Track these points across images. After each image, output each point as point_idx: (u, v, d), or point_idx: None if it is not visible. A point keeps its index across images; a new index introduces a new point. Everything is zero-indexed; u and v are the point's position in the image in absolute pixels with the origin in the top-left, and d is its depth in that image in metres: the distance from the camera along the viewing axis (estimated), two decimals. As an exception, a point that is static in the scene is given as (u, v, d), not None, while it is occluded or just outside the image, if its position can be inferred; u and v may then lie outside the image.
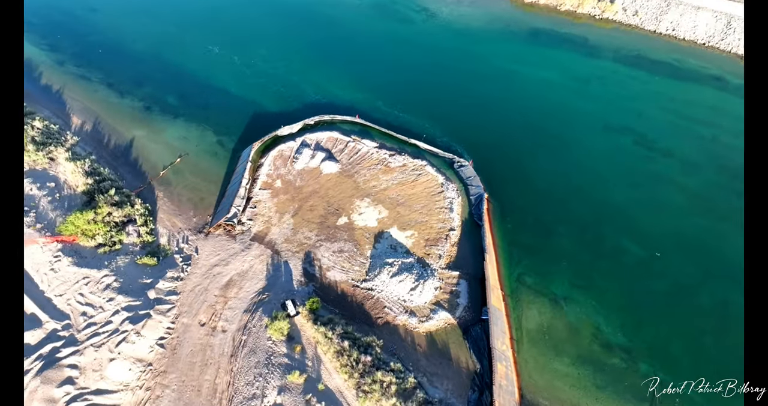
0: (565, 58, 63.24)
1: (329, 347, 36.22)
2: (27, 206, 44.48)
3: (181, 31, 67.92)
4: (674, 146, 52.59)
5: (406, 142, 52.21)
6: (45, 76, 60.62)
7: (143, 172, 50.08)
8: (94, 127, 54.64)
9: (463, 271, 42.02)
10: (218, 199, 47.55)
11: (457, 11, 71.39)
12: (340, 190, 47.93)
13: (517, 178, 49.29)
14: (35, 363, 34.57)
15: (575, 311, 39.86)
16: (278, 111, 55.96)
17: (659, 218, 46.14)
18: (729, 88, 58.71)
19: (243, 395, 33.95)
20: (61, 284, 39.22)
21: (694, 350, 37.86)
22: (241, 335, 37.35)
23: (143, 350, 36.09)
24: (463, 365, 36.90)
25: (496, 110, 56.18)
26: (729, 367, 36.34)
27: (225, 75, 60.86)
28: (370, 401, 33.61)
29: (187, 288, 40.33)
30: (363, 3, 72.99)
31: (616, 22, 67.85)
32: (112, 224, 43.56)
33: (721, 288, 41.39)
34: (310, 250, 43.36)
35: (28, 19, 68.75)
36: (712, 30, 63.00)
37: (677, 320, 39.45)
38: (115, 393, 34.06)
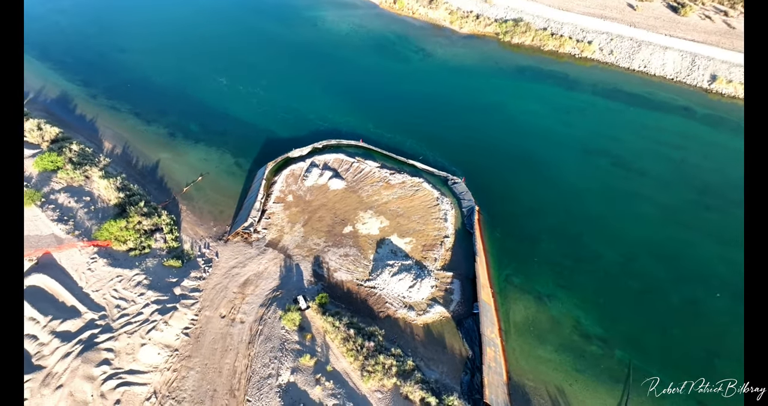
0: (548, 91, 70.06)
1: (336, 335, 40.51)
2: (66, 216, 49.74)
3: (194, 66, 75.14)
4: (647, 167, 58.29)
5: (405, 162, 57.99)
6: (80, 107, 67.24)
7: (168, 189, 55.63)
8: (123, 151, 60.66)
9: (456, 272, 46.74)
10: (236, 212, 52.87)
11: (451, 51, 79.07)
12: (346, 203, 53.31)
13: (505, 194, 54.67)
14: (76, 346, 38.84)
15: (557, 306, 44.30)
16: (288, 136, 62.00)
17: (633, 228, 51.19)
18: (696, 117, 65.09)
19: (260, 375, 38.01)
20: (97, 281, 43.91)
21: (664, 340, 42.05)
22: (258, 326, 41.69)
23: (170, 337, 40.39)
24: (457, 352, 41.06)
25: (486, 136, 62.27)
26: (693, 352, 40.64)
27: (236, 104, 67.44)
28: (374, 379, 37.65)
29: (208, 286, 44.97)
30: (365, 45, 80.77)
31: (594, 60, 75.22)
32: (142, 231, 48.68)
33: (689, 288, 45.92)
34: (318, 254, 48.26)
35: (62, 59, 76.44)
36: (679, 67, 70.15)
37: (649, 314, 43.79)
38: (146, 373, 38.15)
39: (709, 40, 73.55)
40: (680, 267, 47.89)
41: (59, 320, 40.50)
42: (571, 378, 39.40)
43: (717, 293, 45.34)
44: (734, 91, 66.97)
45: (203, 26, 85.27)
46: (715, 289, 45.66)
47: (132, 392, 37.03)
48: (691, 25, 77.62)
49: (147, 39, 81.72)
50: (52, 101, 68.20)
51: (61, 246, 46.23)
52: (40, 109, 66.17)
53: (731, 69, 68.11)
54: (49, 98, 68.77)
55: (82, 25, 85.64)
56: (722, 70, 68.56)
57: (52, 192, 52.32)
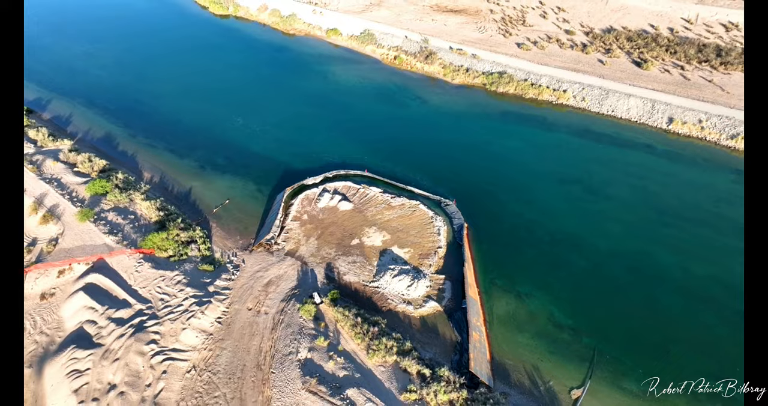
0: (529, 131, 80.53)
1: (346, 322, 48.03)
2: (115, 229, 58.40)
3: (215, 107, 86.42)
4: (614, 193, 67.35)
5: (404, 188, 67.20)
6: (122, 145, 77.55)
7: (200, 210, 64.60)
8: (161, 180, 70.19)
9: (447, 275, 54.75)
10: (258, 228, 61.53)
11: (444, 99, 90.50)
12: (353, 221, 62.05)
13: (490, 214, 63.37)
14: (128, 329, 46.36)
15: (535, 302, 51.95)
16: (302, 168, 71.56)
17: (600, 241, 59.52)
18: (656, 153, 74.96)
19: (282, 353, 45.27)
20: (143, 280, 51.93)
21: (624, 329, 49.36)
22: (279, 316, 49.27)
23: (206, 324, 47.93)
24: (448, 338, 48.42)
25: (474, 167, 71.86)
26: (648, 339, 48.02)
27: (256, 142, 77.51)
28: (377, 356, 44.88)
29: (237, 285, 52.88)
30: (368, 93, 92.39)
31: (569, 106, 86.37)
32: (180, 242, 57.13)
33: (647, 288, 53.60)
34: (330, 261, 56.47)
35: (105, 105, 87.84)
36: (641, 111, 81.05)
37: (612, 309, 51.31)
38: (186, 352, 45.45)
39: (667, 89, 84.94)
40: (639, 272, 55.78)
41: (113, 309, 48.28)
42: (545, 358, 46.57)
43: (671, 292, 53.04)
44: (688, 131, 77.33)
45: (225, 76, 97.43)
46: (670, 289, 53.41)
47: (175, 365, 44.25)
48: (652, 77, 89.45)
49: (176, 87, 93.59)
50: (98, 140, 78.72)
51: (112, 253, 54.61)
52: (89, 147, 76.48)
53: (686, 112, 78.85)
54: (96, 138, 79.36)
55: (120, 76, 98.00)
56: (678, 114, 79.28)
57: (102, 211, 61.25)
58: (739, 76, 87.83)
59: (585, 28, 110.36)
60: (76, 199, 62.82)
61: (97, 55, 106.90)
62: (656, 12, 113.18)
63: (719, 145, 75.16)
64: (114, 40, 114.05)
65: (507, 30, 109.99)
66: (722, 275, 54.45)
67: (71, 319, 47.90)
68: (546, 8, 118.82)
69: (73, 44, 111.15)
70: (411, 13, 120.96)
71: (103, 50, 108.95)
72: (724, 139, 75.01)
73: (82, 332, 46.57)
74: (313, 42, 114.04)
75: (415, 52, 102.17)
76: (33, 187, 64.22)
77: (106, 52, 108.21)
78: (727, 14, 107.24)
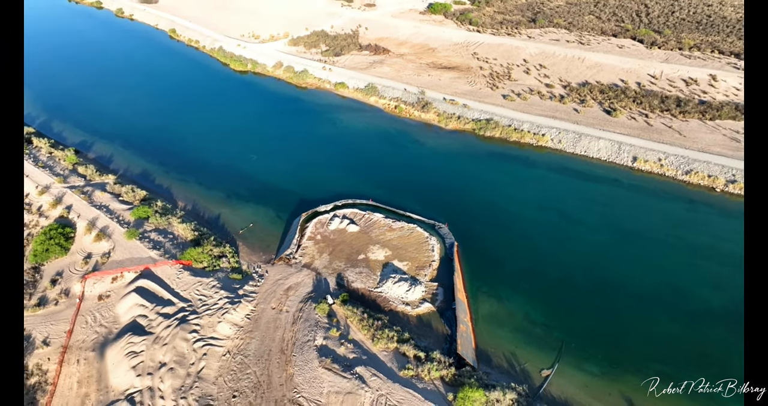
0: (512, 168, 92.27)
1: (354, 318, 57.46)
2: (157, 246, 68.82)
3: (237, 148, 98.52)
4: (583, 218, 77.93)
5: (403, 214, 77.96)
6: (158, 179, 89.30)
7: (228, 232, 75.27)
8: (193, 207, 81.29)
9: (440, 283, 64.52)
10: (279, 246, 71.90)
11: (438, 142, 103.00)
12: (360, 241, 72.46)
13: (477, 235, 73.63)
14: (173, 321, 55.83)
15: (513, 305, 61.40)
16: (315, 198, 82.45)
17: (571, 257, 69.44)
18: (621, 186, 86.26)
19: (301, 341, 54.48)
20: (184, 285, 61.79)
21: (588, 325, 58.54)
22: (299, 313, 58.74)
23: (238, 319, 57.39)
24: (440, 331, 57.70)
25: (464, 196, 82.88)
26: (606, 334, 57.17)
27: (275, 177, 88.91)
28: (381, 343, 54.07)
29: (262, 290, 62.61)
30: (372, 136, 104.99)
31: (548, 147, 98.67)
32: (213, 255, 67.33)
33: (608, 293, 62.95)
34: (340, 272, 66.43)
35: (141, 146, 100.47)
36: (609, 151, 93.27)
37: (578, 311, 60.60)
38: (222, 340, 54.70)
39: (633, 133, 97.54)
40: (602, 281, 65.33)
41: (161, 307, 57.95)
42: (521, 347, 55.72)
43: (628, 296, 62.57)
44: (650, 168, 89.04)
45: (245, 122, 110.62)
46: (626, 294, 62.93)
47: (213, 349, 53.47)
48: (620, 123, 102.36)
49: (202, 131, 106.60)
50: (137, 175, 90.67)
51: (157, 263, 64.80)
52: (129, 180, 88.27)
53: (647, 152, 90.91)
54: (135, 173, 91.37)
55: (153, 122, 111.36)
56: (641, 153, 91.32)
57: (146, 231, 71.88)
58: (696, 123, 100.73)
59: (563, 82, 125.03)
60: (123, 222, 73.66)
61: (132, 103, 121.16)
62: (626, 69, 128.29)
63: (675, 180, 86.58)
64: (145, 91, 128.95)
65: (494, 84, 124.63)
66: (673, 281, 64.19)
67: (126, 314, 57.53)
68: (529, 65, 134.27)
69: (112, 94, 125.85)
70: (410, 69, 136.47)
71: (137, 100, 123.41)
72: (680, 174, 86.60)
73: (136, 323, 56.09)
74: (323, 94, 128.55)
75: (413, 102, 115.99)
76: (86, 212, 75.30)
77: (139, 101, 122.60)
78: (687, 71, 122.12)
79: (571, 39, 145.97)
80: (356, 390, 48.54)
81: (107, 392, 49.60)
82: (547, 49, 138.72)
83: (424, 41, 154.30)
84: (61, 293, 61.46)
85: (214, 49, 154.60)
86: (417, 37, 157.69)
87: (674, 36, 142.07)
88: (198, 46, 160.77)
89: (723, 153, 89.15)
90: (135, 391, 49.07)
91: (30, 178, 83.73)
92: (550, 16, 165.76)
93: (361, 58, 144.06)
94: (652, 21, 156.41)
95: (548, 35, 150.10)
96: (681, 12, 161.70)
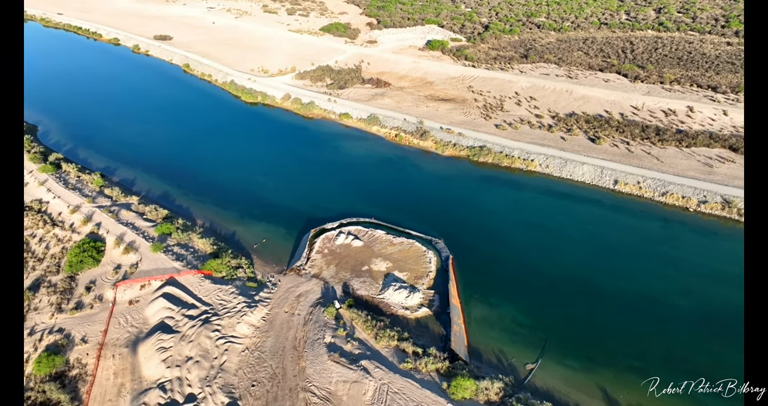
0: (504, 191, 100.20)
1: (359, 320, 64.12)
2: (180, 258, 76.03)
3: (249, 173, 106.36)
4: (567, 233, 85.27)
5: (403, 231, 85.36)
6: (177, 200, 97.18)
7: (243, 246, 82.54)
8: (211, 225, 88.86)
9: (436, 290, 71.37)
10: (290, 259, 79.06)
11: (435, 167, 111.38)
12: (364, 254, 79.65)
13: (471, 249, 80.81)
14: (197, 322, 62.52)
15: (503, 309, 68.06)
16: (322, 216, 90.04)
17: (556, 268, 76.42)
18: (603, 206, 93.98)
19: (312, 339, 61.04)
20: (205, 291, 68.68)
21: (570, 327, 65.08)
22: (309, 316, 65.41)
23: (254, 320, 64.07)
24: (436, 332, 64.27)
25: (458, 215, 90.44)
26: (587, 335, 63.68)
27: (283, 198, 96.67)
28: (383, 341, 60.62)
29: (275, 296, 69.41)
30: (374, 162, 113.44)
31: (536, 172, 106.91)
32: (230, 266, 74.40)
33: (588, 300, 69.69)
34: (346, 281, 73.37)
35: (160, 171, 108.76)
36: (593, 175, 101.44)
37: (561, 314, 67.25)
38: (241, 338, 61.28)
39: (614, 159, 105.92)
40: (583, 289, 72.04)
41: (186, 309, 64.74)
42: (508, 345, 62.18)
43: (606, 302, 69.28)
44: (630, 190, 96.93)
45: (255, 149, 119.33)
46: (605, 300, 69.65)
47: (234, 346, 60.01)
48: (603, 150, 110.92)
49: (216, 157, 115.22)
50: (158, 197, 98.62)
51: (180, 273, 71.84)
52: (152, 201, 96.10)
53: (627, 176, 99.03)
54: (156, 195, 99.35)
55: (171, 149, 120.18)
56: (622, 177, 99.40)
57: (169, 245, 79.19)
58: (673, 150, 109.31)
59: (552, 112, 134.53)
60: (148, 237, 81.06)
61: (150, 133, 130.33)
62: (611, 101, 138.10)
63: (653, 201, 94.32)
64: (162, 122, 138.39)
65: (488, 114, 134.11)
66: (647, 289, 71.00)
67: (154, 316, 64.28)
68: (521, 98, 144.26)
69: (132, 124, 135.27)
70: (409, 101, 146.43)
71: (155, 129, 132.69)
72: (657, 196, 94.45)
73: (164, 324, 62.77)
74: (328, 124, 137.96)
75: (412, 131, 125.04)
76: (114, 228, 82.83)
77: (157, 131, 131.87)
78: (667, 103, 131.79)
79: (560, 73, 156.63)
80: (361, 380, 54.90)
81: (140, 381, 55.95)
82: (537, 82, 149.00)
83: (423, 75, 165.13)
84: (96, 299, 68.28)
85: (225, 83, 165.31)
86: (416, 71, 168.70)
87: (656, 71, 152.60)
88: (210, 80, 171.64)
89: (696, 177, 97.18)
90: (165, 380, 55.44)
91: (62, 199, 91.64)
92: (541, 52, 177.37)
93: (364, 90, 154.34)
94: (637, 57, 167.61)
95: (539, 70, 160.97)
96: (663, 49, 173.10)
